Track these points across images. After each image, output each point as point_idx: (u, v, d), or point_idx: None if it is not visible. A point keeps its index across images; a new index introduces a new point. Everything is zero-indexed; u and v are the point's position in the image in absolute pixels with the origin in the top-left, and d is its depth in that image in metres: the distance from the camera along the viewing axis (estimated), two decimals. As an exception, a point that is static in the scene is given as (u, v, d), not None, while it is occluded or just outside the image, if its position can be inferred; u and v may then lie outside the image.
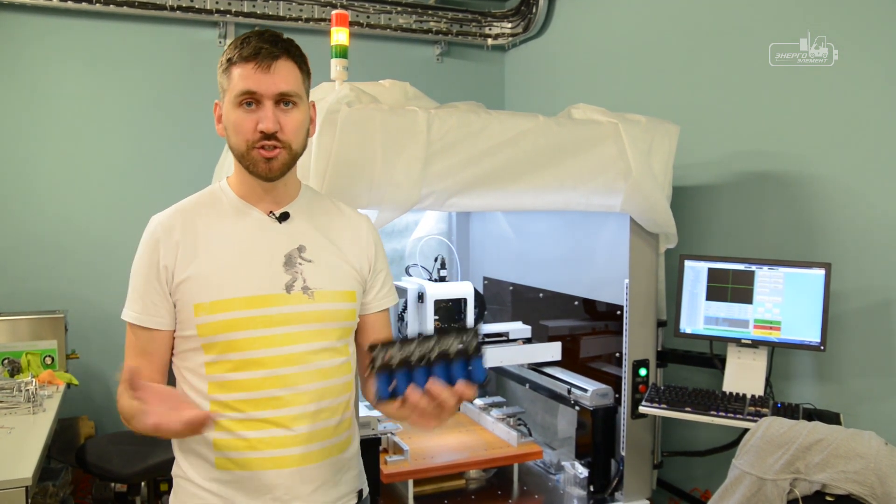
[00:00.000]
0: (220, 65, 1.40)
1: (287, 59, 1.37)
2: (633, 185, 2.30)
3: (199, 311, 1.36)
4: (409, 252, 2.95)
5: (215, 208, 1.45)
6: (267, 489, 1.39)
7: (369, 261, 1.55)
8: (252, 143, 1.36)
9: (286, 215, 1.46)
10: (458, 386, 1.23)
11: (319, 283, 1.44)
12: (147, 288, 1.37)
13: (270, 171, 1.38)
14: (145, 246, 1.40)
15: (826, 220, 2.41)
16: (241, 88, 1.34)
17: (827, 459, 1.77)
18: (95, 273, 3.54)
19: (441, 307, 2.40)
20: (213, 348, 1.37)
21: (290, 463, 1.40)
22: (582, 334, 2.82)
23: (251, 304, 1.37)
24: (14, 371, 2.91)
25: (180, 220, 1.41)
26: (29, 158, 3.54)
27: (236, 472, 1.38)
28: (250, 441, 1.38)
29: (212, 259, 1.38)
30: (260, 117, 1.35)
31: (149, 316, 1.37)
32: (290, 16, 3.79)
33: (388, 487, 2.44)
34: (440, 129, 2.06)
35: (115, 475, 2.85)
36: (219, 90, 1.42)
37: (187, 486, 1.42)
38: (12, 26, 3.48)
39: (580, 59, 3.74)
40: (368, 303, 1.56)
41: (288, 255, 1.43)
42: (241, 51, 1.35)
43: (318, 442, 1.43)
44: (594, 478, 2.49)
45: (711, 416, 2.19)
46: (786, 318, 2.27)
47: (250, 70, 1.34)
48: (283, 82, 1.36)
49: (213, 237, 1.41)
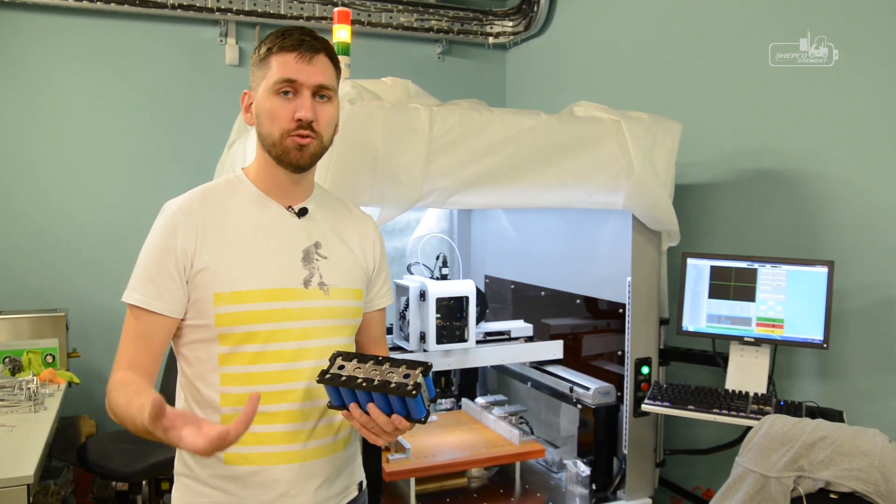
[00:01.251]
0: (256, 55, 1.41)
1: (325, 56, 1.39)
2: (635, 182, 2.29)
3: (219, 301, 1.34)
4: (411, 250, 2.95)
5: (235, 198, 1.43)
6: (274, 483, 1.38)
7: (374, 259, 1.56)
8: (287, 131, 1.36)
9: (304, 210, 1.47)
10: (394, 417, 1.27)
11: (334, 279, 1.45)
12: (160, 272, 1.34)
13: (302, 159, 1.38)
14: (163, 230, 1.37)
15: (829, 217, 2.41)
16: (282, 76, 1.35)
17: (831, 457, 1.76)
18: (97, 272, 3.53)
19: (443, 305, 2.39)
20: (229, 339, 1.36)
21: (297, 458, 1.40)
22: (584, 332, 2.81)
23: (271, 297, 1.37)
24: (15, 369, 2.91)
25: (199, 205, 1.39)
26: (31, 157, 3.54)
27: (245, 466, 1.38)
28: (259, 436, 1.37)
29: (233, 248, 1.37)
30: (297, 105, 1.36)
31: (159, 301, 1.34)
32: (291, 14, 3.79)
33: (390, 486, 2.43)
34: (442, 126, 2.06)
35: (117, 474, 2.85)
36: (250, 81, 1.43)
37: (192, 483, 1.41)
38: (14, 25, 3.48)
39: (581, 58, 3.74)
40: (369, 301, 1.58)
41: (306, 250, 1.43)
42: (282, 41, 1.37)
43: (325, 437, 1.44)
44: (596, 476, 2.49)
45: (714, 414, 2.18)
46: (788, 315, 2.27)
47: (292, 60, 1.35)
48: (323, 75, 1.38)
49: (234, 226, 1.40)
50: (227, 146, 2.73)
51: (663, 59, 3.12)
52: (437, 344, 2.39)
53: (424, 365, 1.26)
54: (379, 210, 2.02)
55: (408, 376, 1.24)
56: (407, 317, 2.46)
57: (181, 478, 1.43)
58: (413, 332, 2.42)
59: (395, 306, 2.56)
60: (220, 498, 1.38)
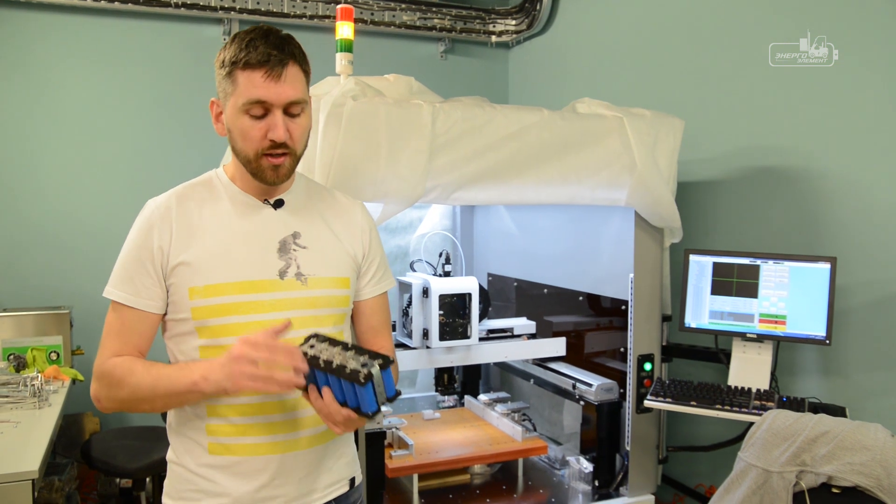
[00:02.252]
0: (220, 64, 1.36)
1: (294, 65, 1.35)
2: (637, 178, 2.29)
3: (194, 295, 1.36)
4: (414, 248, 2.95)
5: (211, 194, 1.45)
6: (257, 474, 1.40)
7: (363, 246, 1.56)
8: (261, 151, 1.36)
9: (280, 202, 1.47)
10: (345, 408, 1.26)
11: (313, 269, 1.45)
12: (139, 270, 1.37)
13: (278, 178, 1.39)
14: (140, 229, 1.40)
15: (831, 214, 2.41)
16: (251, 97, 1.32)
17: (833, 451, 1.77)
18: (100, 270, 3.47)
19: (446, 302, 2.40)
20: (206, 332, 1.38)
21: (280, 449, 1.41)
22: (586, 329, 2.81)
23: (244, 289, 1.38)
24: (20, 366, 2.92)
25: (176, 203, 1.41)
26: (34, 155, 3.55)
27: (228, 457, 1.39)
28: (241, 426, 1.39)
29: (207, 243, 1.39)
30: (269, 125, 1.34)
31: (140, 298, 1.37)
32: (294, 13, 3.80)
33: (392, 482, 2.44)
34: (445, 122, 2.06)
35: (120, 470, 2.86)
36: (217, 89, 1.40)
37: (181, 471, 1.43)
38: (17, 23, 3.49)
39: (584, 57, 3.74)
40: (362, 288, 1.57)
41: (282, 241, 1.44)
42: (247, 54, 1.31)
43: (309, 428, 1.44)
44: (599, 473, 2.49)
45: (717, 410, 2.18)
46: (791, 312, 2.27)
47: (259, 79, 1.31)
48: (293, 91, 1.34)
49: (209, 221, 1.41)
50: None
51: (665, 57, 3.12)
52: (439, 341, 2.39)
53: (385, 358, 1.25)
54: (382, 206, 2.03)
55: (365, 365, 1.23)
56: (410, 313, 2.47)
57: (172, 465, 1.46)
58: (416, 328, 2.43)
59: (398, 303, 2.57)
60: (204, 486, 1.40)
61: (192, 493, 1.41)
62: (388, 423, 2.48)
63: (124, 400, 1.35)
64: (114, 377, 1.34)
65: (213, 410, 1.39)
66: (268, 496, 1.41)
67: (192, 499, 1.41)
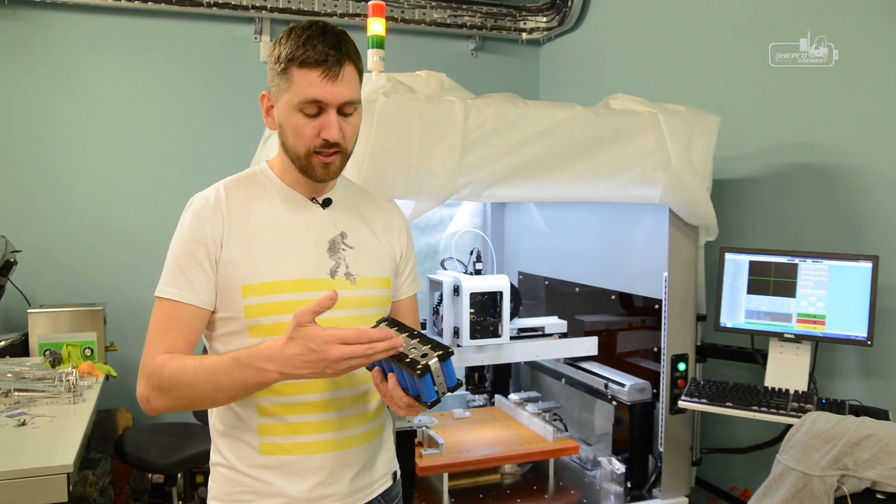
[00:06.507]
0: (275, 59, 1.35)
1: (350, 64, 1.34)
2: (672, 175, 2.25)
3: (248, 293, 1.35)
4: (444, 246, 2.94)
5: (260, 190, 1.44)
6: (310, 473, 1.39)
7: (401, 247, 1.57)
8: (312, 149, 1.35)
9: (329, 201, 1.47)
10: (406, 396, 1.27)
11: (361, 269, 1.45)
12: (192, 265, 1.35)
13: (328, 175, 1.39)
14: (190, 224, 1.37)
15: (871, 212, 2.35)
16: (308, 97, 1.31)
17: (877, 456, 1.72)
18: (133, 267, 3.59)
19: (477, 300, 2.38)
20: (258, 331, 1.36)
21: (332, 447, 1.41)
22: (619, 329, 2.78)
23: (299, 288, 1.37)
24: (55, 362, 2.95)
25: (225, 197, 1.40)
26: (68, 155, 3.61)
27: (281, 456, 1.38)
28: (294, 425, 1.38)
29: (260, 240, 1.38)
30: (323, 124, 1.33)
31: (192, 293, 1.34)
32: (325, 11, 3.81)
33: (423, 480, 2.43)
34: (477, 118, 2.04)
35: (153, 466, 2.89)
36: (269, 83, 1.39)
37: (229, 473, 1.42)
38: (48, 23, 3.54)
39: (616, 53, 3.70)
40: (398, 288, 1.58)
41: (332, 240, 1.44)
42: (304, 52, 1.31)
43: (359, 426, 1.44)
44: (631, 474, 2.45)
45: (753, 411, 2.14)
46: (830, 312, 2.21)
47: (316, 78, 1.30)
48: (349, 91, 1.34)
49: (260, 218, 1.40)
50: (261, 142, 2.75)
51: (699, 52, 3.07)
52: (470, 339, 2.37)
53: (445, 349, 1.25)
54: (413, 203, 2.01)
55: (425, 356, 1.23)
56: (440, 312, 2.45)
57: (218, 468, 1.44)
58: (447, 326, 2.41)
59: (428, 301, 2.56)
60: (257, 487, 1.39)
61: (244, 494, 1.40)
62: (419, 421, 2.47)
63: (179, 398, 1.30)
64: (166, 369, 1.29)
65: (265, 410, 1.38)
66: (321, 495, 1.40)
67: (245, 500, 1.40)
